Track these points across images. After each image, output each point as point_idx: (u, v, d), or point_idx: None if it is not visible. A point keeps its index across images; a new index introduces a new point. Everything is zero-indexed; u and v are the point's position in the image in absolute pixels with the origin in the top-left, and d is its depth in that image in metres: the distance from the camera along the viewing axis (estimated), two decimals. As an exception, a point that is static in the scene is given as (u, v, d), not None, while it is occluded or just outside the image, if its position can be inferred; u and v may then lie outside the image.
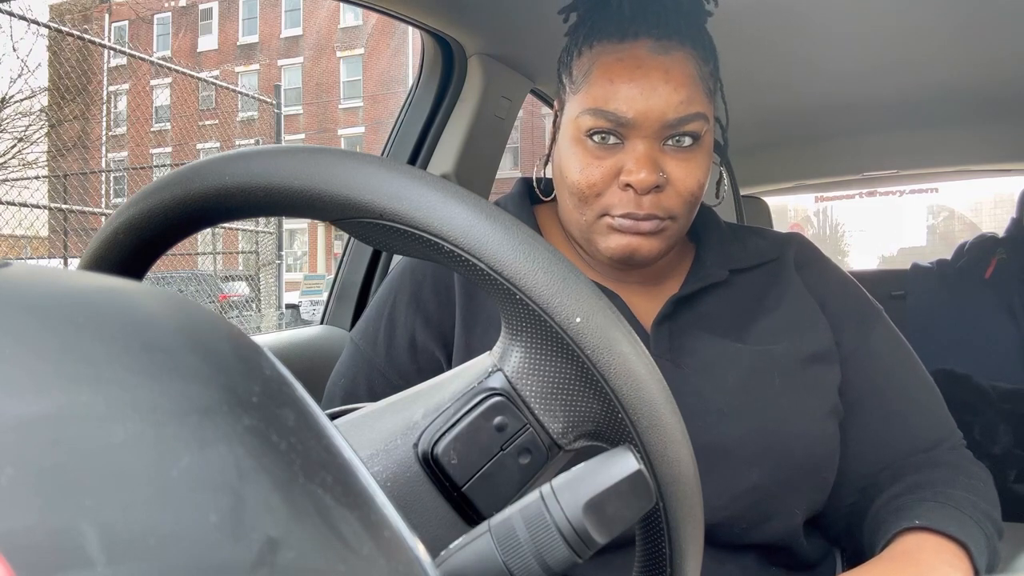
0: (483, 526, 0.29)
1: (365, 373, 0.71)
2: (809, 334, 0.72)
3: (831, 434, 0.68)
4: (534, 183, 0.81)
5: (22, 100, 7.75)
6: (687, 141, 0.67)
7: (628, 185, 0.66)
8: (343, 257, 1.28)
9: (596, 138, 0.67)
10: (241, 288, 7.10)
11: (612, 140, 0.67)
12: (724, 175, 0.79)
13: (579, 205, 0.69)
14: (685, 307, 0.71)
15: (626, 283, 0.74)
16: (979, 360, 1.59)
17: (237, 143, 9.58)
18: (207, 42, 21.32)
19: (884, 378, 0.73)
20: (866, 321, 0.76)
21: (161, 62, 6.68)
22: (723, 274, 0.73)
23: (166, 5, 21.02)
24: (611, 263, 0.71)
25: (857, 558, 0.66)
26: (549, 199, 0.80)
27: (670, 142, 0.67)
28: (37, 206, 5.07)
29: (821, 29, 1.13)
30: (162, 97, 16.34)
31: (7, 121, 7.82)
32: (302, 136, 19.47)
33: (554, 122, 0.75)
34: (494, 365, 0.34)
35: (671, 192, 0.67)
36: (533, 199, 0.81)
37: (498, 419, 0.32)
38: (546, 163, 0.77)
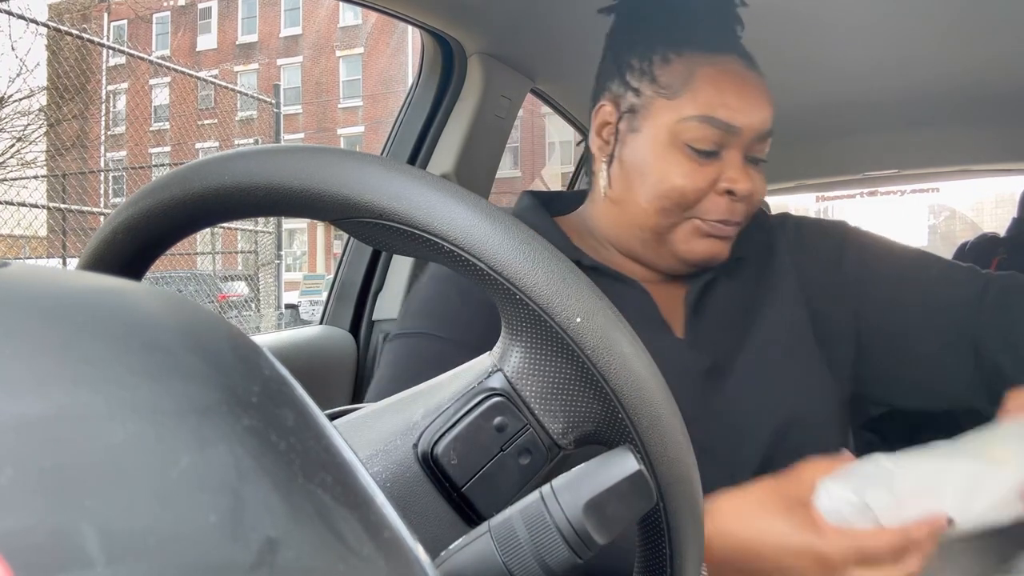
0: (483, 527, 0.29)
1: (435, 353, 0.68)
2: (793, 310, 0.77)
3: (827, 382, 0.75)
4: (531, 196, 0.83)
5: (21, 99, 7.74)
6: (763, 155, 0.73)
7: (728, 192, 0.70)
8: (343, 257, 1.28)
9: (699, 145, 0.69)
10: (240, 288, 7.10)
11: (713, 150, 0.70)
12: None
13: (668, 209, 0.71)
14: (705, 295, 0.76)
15: (649, 280, 0.77)
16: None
17: (236, 142, 9.57)
18: (206, 41, 21.31)
19: (893, 259, 0.80)
20: (846, 243, 0.82)
21: (160, 61, 6.68)
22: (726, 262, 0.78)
23: (165, 4, 21.01)
24: (685, 265, 0.75)
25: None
26: (565, 212, 0.82)
27: (752, 156, 0.72)
28: (36, 206, 5.06)
29: (821, 29, 1.13)
30: (161, 96, 16.32)
31: (5, 120, 7.81)
32: (301, 136, 19.46)
33: (615, 126, 0.74)
34: (494, 365, 0.33)
35: (751, 200, 0.72)
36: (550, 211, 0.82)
37: (498, 419, 0.32)
38: (609, 164, 0.76)
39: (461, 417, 0.32)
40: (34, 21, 4.88)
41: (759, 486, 0.60)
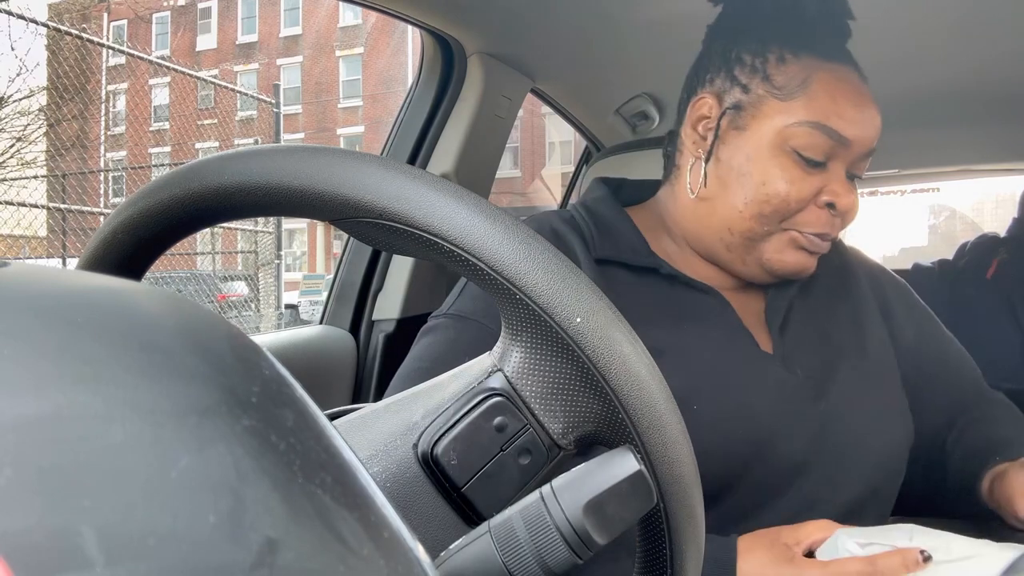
0: (483, 527, 0.29)
1: (468, 340, 0.66)
2: (876, 333, 0.78)
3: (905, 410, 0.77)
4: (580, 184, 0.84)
5: (20, 99, 7.73)
6: (862, 174, 0.71)
7: (830, 205, 0.68)
8: (342, 257, 1.28)
9: (807, 153, 0.67)
10: (240, 288, 7.09)
11: (821, 161, 0.67)
12: None
13: (766, 216, 0.68)
14: (788, 310, 0.75)
15: (724, 288, 0.75)
16: (981, 360, 1.58)
17: (236, 142, 9.56)
18: (206, 41, 21.29)
19: (936, 338, 0.84)
20: (910, 299, 0.85)
21: (160, 61, 6.68)
22: (804, 276, 0.76)
23: (165, 4, 20.99)
24: (768, 276, 0.72)
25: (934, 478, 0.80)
26: (636, 202, 0.81)
27: (853, 173, 0.70)
28: (36, 206, 5.06)
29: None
30: (161, 96, 16.29)
31: (5, 120, 7.80)
32: (301, 135, 19.44)
33: (717, 121, 0.71)
34: (494, 365, 0.33)
35: (845, 218, 0.70)
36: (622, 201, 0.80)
37: (498, 419, 0.32)
38: (707, 160, 0.72)
39: (461, 417, 0.32)
40: (34, 21, 4.87)
41: (756, 532, 0.62)
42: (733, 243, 0.71)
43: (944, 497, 0.78)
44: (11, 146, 7.91)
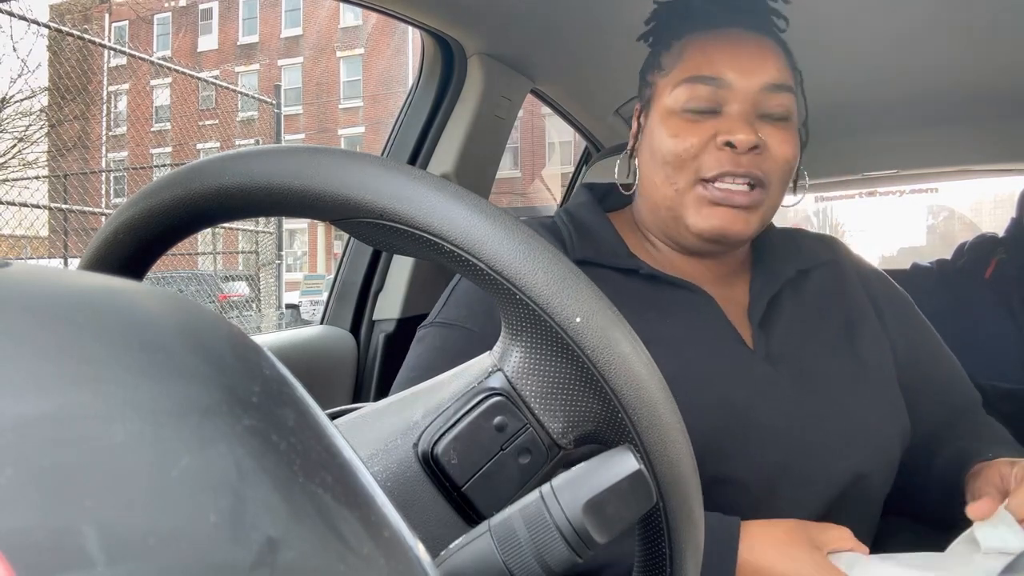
0: (483, 526, 0.29)
1: (468, 347, 0.67)
2: (871, 331, 0.77)
3: (901, 409, 0.76)
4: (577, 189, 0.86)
5: (22, 100, 7.74)
6: (780, 111, 0.69)
7: (727, 144, 0.67)
8: (343, 257, 1.28)
9: (693, 105, 0.69)
10: (241, 288, 7.09)
11: (708, 108, 0.69)
12: (805, 173, 0.80)
13: (672, 175, 0.70)
14: (772, 308, 0.75)
15: (706, 280, 0.76)
16: (979, 360, 1.58)
17: (237, 143, 9.56)
18: (207, 42, 21.30)
19: (928, 351, 0.83)
20: (906, 308, 0.85)
21: (161, 62, 6.68)
22: (792, 271, 0.77)
23: (166, 5, 21.00)
24: (701, 241, 0.72)
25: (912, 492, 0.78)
26: (620, 207, 0.83)
27: (765, 113, 0.69)
28: (37, 206, 5.06)
29: (821, 30, 1.13)
30: (162, 97, 16.29)
31: (7, 121, 7.81)
32: (302, 136, 19.45)
33: (638, 120, 0.77)
34: (494, 365, 0.33)
35: (768, 156, 0.69)
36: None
37: (498, 419, 0.32)
38: (631, 156, 0.78)
39: (461, 417, 0.32)
40: (35, 22, 4.88)
41: (787, 521, 0.62)
42: (667, 220, 0.74)
43: (925, 507, 0.78)
44: (13, 147, 7.92)
